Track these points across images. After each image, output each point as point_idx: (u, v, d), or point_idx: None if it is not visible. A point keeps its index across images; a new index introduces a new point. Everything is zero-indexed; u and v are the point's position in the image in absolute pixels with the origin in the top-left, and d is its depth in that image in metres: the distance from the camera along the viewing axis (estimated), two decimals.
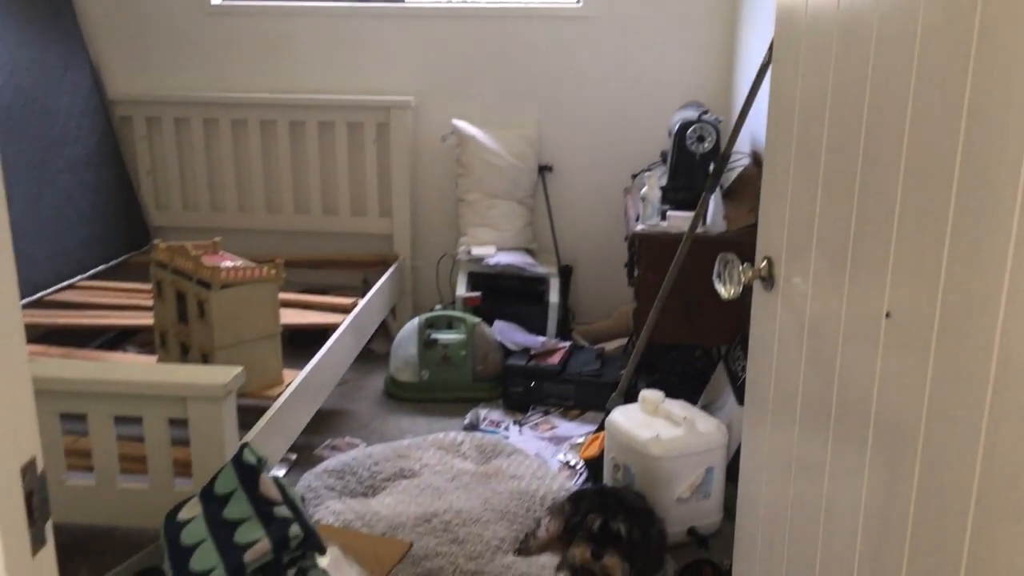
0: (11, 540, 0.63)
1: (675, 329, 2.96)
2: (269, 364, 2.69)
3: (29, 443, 0.66)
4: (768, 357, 1.34)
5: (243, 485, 1.63)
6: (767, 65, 2.52)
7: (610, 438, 2.56)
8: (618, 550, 2.09)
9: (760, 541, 1.41)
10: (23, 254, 3.28)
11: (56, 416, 2.09)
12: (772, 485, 1.36)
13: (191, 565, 1.49)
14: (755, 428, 1.46)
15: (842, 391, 1.09)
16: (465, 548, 2.34)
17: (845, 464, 1.09)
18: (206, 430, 2.04)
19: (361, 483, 2.69)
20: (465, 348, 3.40)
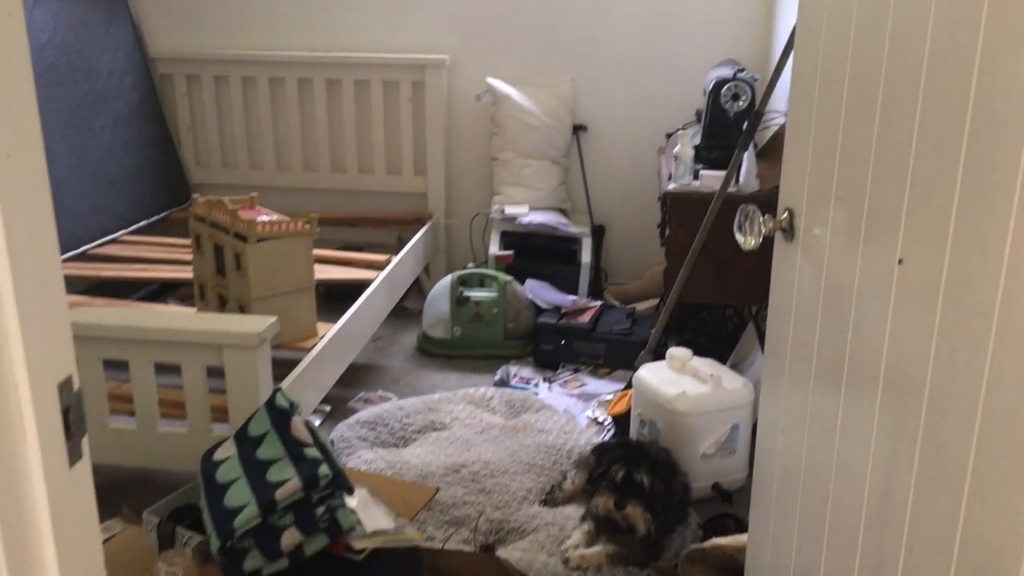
0: (49, 452, 0.68)
1: (706, 288, 2.96)
2: (303, 316, 2.75)
3: (65, 362, 0.70)
4: (787, 309, 1.36)
5: (275, 428, 1.69)
6: None
7: (637, 394, 2.58)
8: (640, 501, 2.12)
9: (775, 492, 1.43)
10: (67, 208, 3.38)
11: (99, 362, 2.17)
12: (788, 438, 1.38)
13: (225, 501, 1.55)
14: (773, 381, 1.47)
15: (856, 343, 1.10)
16: (492, 498, 2.39)
17: (855, 417, 1.11)
18: (241, 377, 2.11)
19: (392, 434, 2.76)
20: (497, 306, 3.44)
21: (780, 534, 1.40)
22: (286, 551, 1.51)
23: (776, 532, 1.43)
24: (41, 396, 0.66)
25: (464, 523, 2.28)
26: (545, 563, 2.11)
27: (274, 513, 1.50)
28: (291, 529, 1.51)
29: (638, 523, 2.12)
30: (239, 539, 1.49)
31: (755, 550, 1.56)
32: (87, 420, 0.73)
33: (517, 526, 2.28)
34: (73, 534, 0.70)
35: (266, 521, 1.50)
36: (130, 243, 3.62)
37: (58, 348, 0.69)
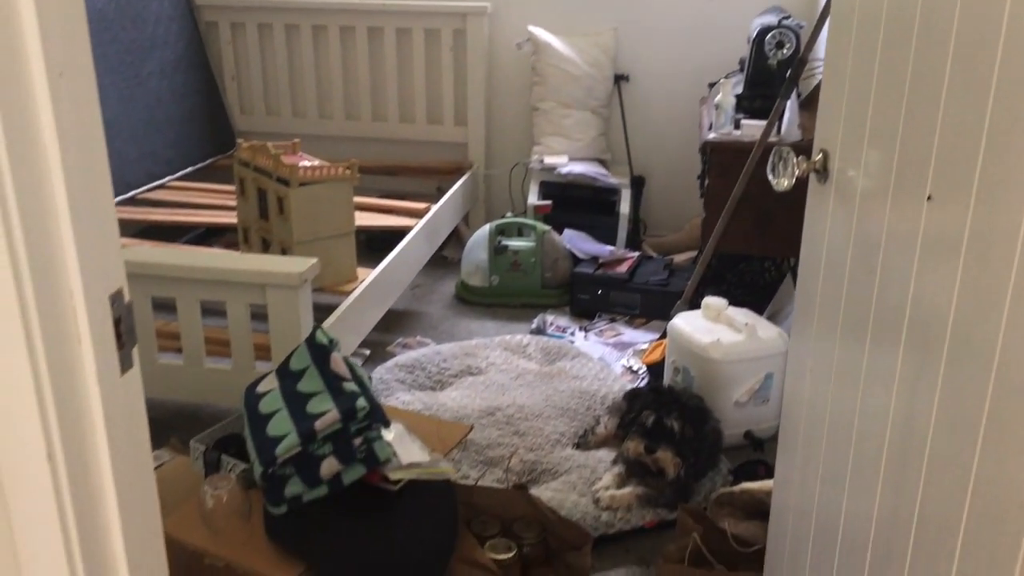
0: (102, 359, 0.73)
1: (744, 239, 2.95)
2: (344, 261, 2.80)
3: (116, 276, 0.74)
4: (818, 254, 1.36)
5: (315, 363, 1.74)
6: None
7: (671, 342, 2.60)
8: (670, 446, 2.15)
9: (801, 438, 1.45)
10: (116, 153, 3.46)
11: (148, 299, 2.25)
12: (815, 384, 1.39)
13: (267, 431, 1.62)
14: (802, 327, 1.48)
15: (883, 288, 1.11)
16: (526, 440, 2.44)
17: (879, 365, 1.12)
18: (283, 316, 2.17)
19: (429, 378, 2.82)
20: (535, 255, 3.46)
21: (804, 478, 1.43)
22: (325, 479, 1.57)
23: (801, 476, 1.45)
24: (94, 304, 0.70)
25: (498, 463, 2.34)
26: (576, 503, 2.16)
27: (313, 442, 1.56)
28: (330, 458, 1.57)
29: (668, 467, 2.15)
30: (280, 466, 1.55)
31: (780, 493, 1.59)
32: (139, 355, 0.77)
33: (550, 467, 2.33)
34: (124, 435, 0.75)
35: (306, 450, 1.56)
36: (176, 188, 3.70)
37: (109, 261, 0.73)
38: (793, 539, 1.47)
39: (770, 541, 1.62)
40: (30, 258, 0.66)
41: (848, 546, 1.22)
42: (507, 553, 1.87)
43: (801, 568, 1.41)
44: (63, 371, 0.69)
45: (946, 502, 0.91)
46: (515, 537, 1.93)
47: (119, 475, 0.74)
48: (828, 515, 1.30)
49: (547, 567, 1.93)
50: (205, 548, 1.54)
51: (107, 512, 0.73)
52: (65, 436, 0.69)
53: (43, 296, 0.67)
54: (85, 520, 0.71)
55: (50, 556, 0.70)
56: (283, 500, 1.57)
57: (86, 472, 0.72)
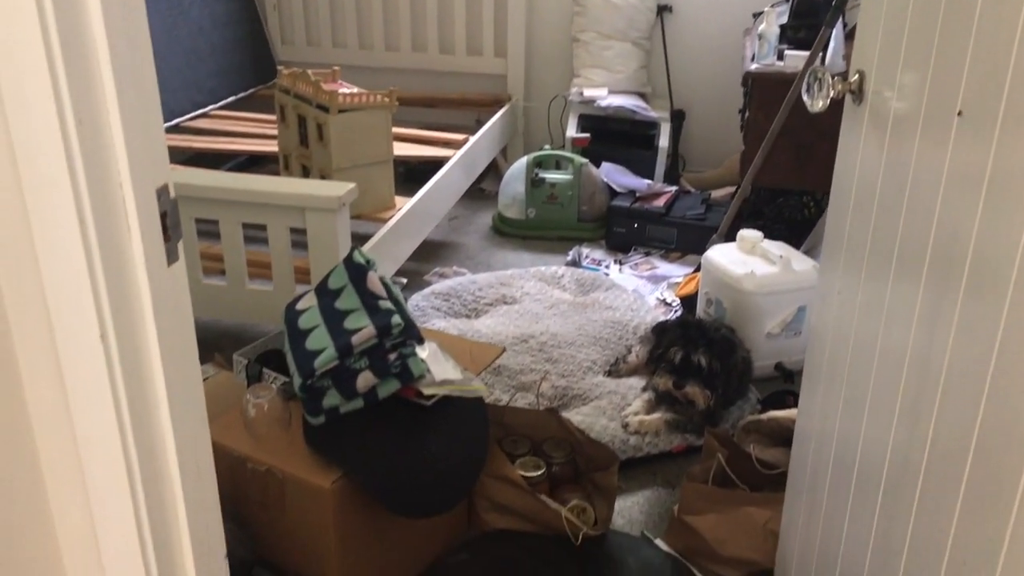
0: (150, 249, 0.77)
1: (783, 173, 2.93)
2: (382, 188, 2.84)
3: (162, 171, 0.78)
4: (849, 183, 1.36)
5: (352, 282, 1.79)
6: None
7: (705, 273, 2.62)
8: (699, 380, 2.18)
9: (824, 367, 1.47)
10: (160, 82, 3.49)
11: (192, 221, 2.31)
12: (839, 318, 1.40)
13: (306, 345, 1.67)
14: (830, 259, 1.48)
15: (909, 216, 1.12)
16: (558, 367, 2.49)
17: (901, 297, 1.13)
18: (322, 239, 2.22)
19: (465, 305, 2.87)
20: (572, 188, 3.47)
21: (826, 406, 1.45)
22: (361, 392, 1.63)
23: (823, 404, 1.48)
24: (142, 196, 0.75)
25: (529, 388, 2.39)
26: (605, 426, 2.21)
27: (350, 357, 1.61)
28: (366, 372, 1.62)
29: (697, 400, 2.18)
30: (318, 379, 1.61)
31: (803, 421, 1.61)
32: None
33: (580, 393, 2.38)
34: (171, 323, 0.80)
35: (343, 363, 1.61)
36: (219, 117, 3.75)
37: (155, 157, 0.77)
38: (813, 464, 1.50)
39: (792, 465, 1.65)
40: (83, 149, 0.70)
41: (864, 471, 1.25)
42: (536, 471, 1.93)
43: (820, 492, 1.45)
44: (114, 258, 0.74)
45: (956, 434, 0.94)
46: (544, 456, 1.99)
47: (167, 360, 0.79)
48: (847, 442, 1.33)
49: (575, 485, 1.99)
50: (248, 454, 1.61)
51: (156, 391, 0.78)
52: (117, 319, 0.74)
53: (95, 185, 0.71)
54: (135, 398, 0.77)
55: (103, 429, 0.76)
56: (321, 411, 1.63)
57: (136, 354, 0.77)
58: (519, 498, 1.87)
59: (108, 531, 0.81)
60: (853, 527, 1.29)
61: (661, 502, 2.05)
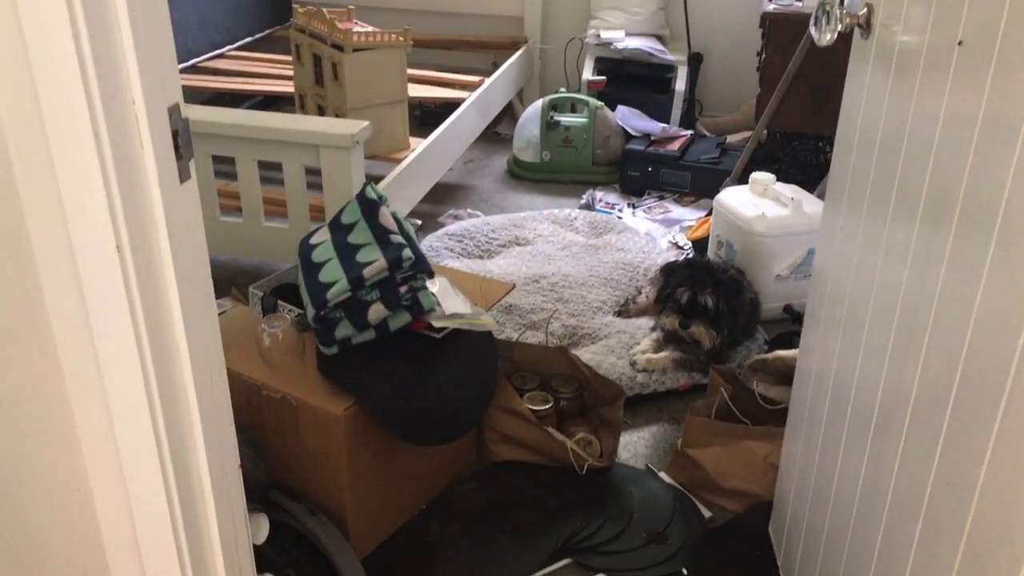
0: (163, 165, 0.80)
1: (799, 116, 2.92)
2: (396, 128, 2.86)
3: (173, 90, 0.81)
4: (855, 122, 1.37)
5: (365, 217, 1.82)
6: None
7: (716, 215, 2.63)
8: (704, 320, 2.21)
9: (825, 308, 1.49)
10: (177, 21, 3.50)
11: (208, 157, 2.34)
12: (841, 259, 1.42)
13: (320, 277, 1.71)
14: (834, 200, 1.49)
15: (908, 159, 1.13)
16: (569, 306, 2.52)
17: (897, 241, 1.15)
18: (336, 177, 2.25)
19: (478, 246, 2.90)
20: (587, 131, 3.46)
21: (826, 343, 1.48)
22: (372, 323, 1.67)
23: (823, 341, 1.50)
24: (154, 113, 0.78)
25: (539, 327, 2.43)
26: (613, 364, 2.25)
27: (362, 289, 1.65)
28: (377, 304, 1.66)
29: (703, 340, 2.21)
30: (331, 309, 1.65)
31: (804, 358, 1.64)
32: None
33: (590, 332, 2.42)
34: (184, 238, 0.83)
35: (355, 296, 1.65)
36: (236, 58, 3.76)
37: (166, 76, 0.80)
38: (812, 400, 1.54)
39: (792, 401, 1.68)
40: (97, 68, 0.72)
41: (859, 405, 1.28)
42: (544, 405, 1.98)
43: (817, 426, 1.48)
44: (128, 172, 0.77)
45: (943, 366, 0.97)
46: (553, 392, 2.04)
47: (180, 272, 0.83)
48: (843, 377, 1.36)
49: (582, 419, 2.04)
50: (263, 382, 1.66)
51: (170, 302, 0.82)
52: (131, 231, 0.77)
53: (109, 102, 0.74)
54: (151, 308, 0.81)
55: (120, 336, 0.80)
56: (334, 341, 1.68)
57: (150, 265, 0.80)
58: (527, 430, 1.92)
59: (127, 437, 0.86)
60: (847, 459, 1.33)
61: (666, 437, 2.10)
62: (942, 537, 0.95)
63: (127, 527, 0.90)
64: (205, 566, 0.95)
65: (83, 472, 0.88)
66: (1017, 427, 0.80)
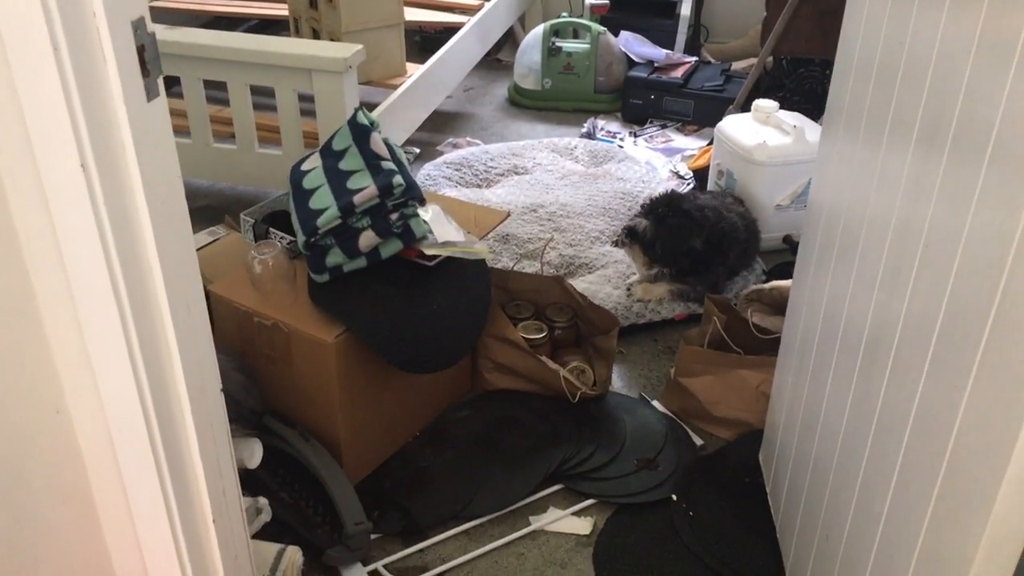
0: (128, 81, 0.78)
1: (806, 42, 2.84)
2: (392, 53, 2.79)
3: (138, 3, 0.78)
4: (854, 43, 1.33)
5: (356, 143, 1.79)
6: None
7: (718, 143, 2.58)
8: (638, 243, 2.23)
9: (818, 240, 1.47)
10: None
11: (199, 82, 2.30)
12: (835, 188, 1.40)
13: (310, 204, 1.69)
14: (831, 128, 1.46)
15: (903, 87, 1.10)
16: (566, 236, 2.50)
17: (890, 170, 1.12)
18: (329, 102, 2.21)
19: (476, 175, 2.86)
20: (589, 58, 3.39)
21: (819, 272, 1.46)
22: (364, 251, 1.66)
23: (816, 270, 1.49)
24: (116, 26, 0.75)
25: (535, 256, 2.41)
26: (609, 294, 2.24)
27: (353, 216, 1.63)
28: (368, 231, 1.64)
29: (636, 260, 2.25)
30: (322, 236, 1.64)
31: (798, 287, 1.63)
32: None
33: (586, 262, 2.40)
34: (153, 157, 0.81)
35: (345, 223, 1.63)
36: None
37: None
38: (804, 329, 1.53)
39: (785, 330, 1.68)
40: None
41: (848, 334, 1.27)
42: (538, 334, 1.97)
43: (808, 356, 1.48)
44: (91, 89, 0.75)
45: (931, 294, 0.95)
46: (547, 321, 2.03)
47: (150, 194, 0.81)
48: (834, 307, 1.35)
49: (576, 349, 2.03)
50: (254, 308, 1.66)
51: (140, 223, 0.81)
52: (97, 149, 0.75)
53: (68, 13, 0.71)
54: (120, 228, 0.79)
55: (90, 257, 0.78)
56: (325, 269, 1.67)
57: (118, 184, 0.79)
58: (521, 359, 1.92)
59: (101, 358, 0.85)
60: (835, 387, 1.32)
61: (660, 367, 2.10)
62: (923, 464, 0.95)
63: (107, 449, 0.90)
64: (187, 487, 0.95)
65: (60, 394, 0.88)
66: (1000, 354, 0.79)
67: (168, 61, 2.27)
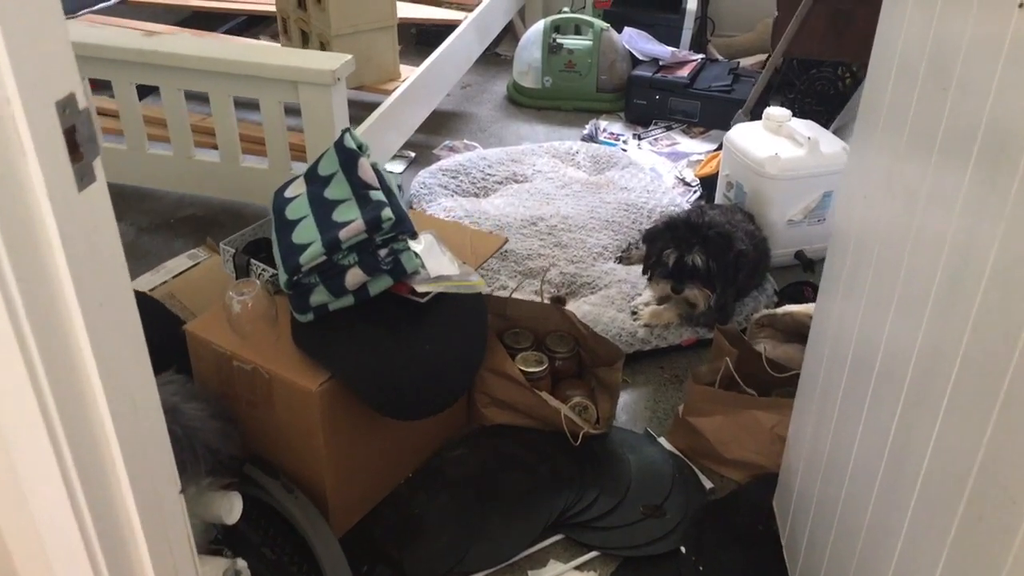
0: (54, 174, 0.66)
1: (818, 42, 2.71)
2: (385, 56, 2.66)
3: (64, 79, 0.66)
4: (893, 48, 1.20)
5: (343, 168, 1.67)
6: None
7: (727, 153, 2.46)
8: (697, 281, 2.06)
9: (848, 262, 1.35)
10: None
11: (180, 92, 2.17)
12: (868, 205, 1.27)
13: (293, 237, 1.58)
14: (863, 140, 1.34)
15: (956, 101, 0.97)
16: (567, 252, 2.38)
17: (942, 186, 1.00)
18: (317, 115, 2.08)
19: (474, 183, 2.74)
20: (591, 55, 3.25)
21: (847, 305, 1.34)
22: (350, 289, 1.54)
23: (843, 303, 1.37)
24: (36, 112, 0.63)
25: (536, 274, 2.30)
26: (613, 318, 2.13)
27: (338, 252, 1.52)
28: (355, 268, 1.53)
29: (699, 302, 2.08)
30: (305, 275, 1.53)
31: (821, 318, 1.51)
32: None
33: (589, 281, 2.29)
34: (86, 254, 0.69)
35: (331, 259, 1.52)
36: None
37: (53, 63, 0.65)
38: (829, 365, 1.41)
39: (805, 366, 1.56)
40: None
41: (886, 372, 1.14)
42: (538, 366, 1.86)
43: (834, 393, 1.36)
44: (8, 185, 0.63)
45: (1000, 327, 0.82)
46: (547, 351, 1.92)
47: (84, 299, 0.69)
48: (868, 340, 1.21)
49: (578, 381, 1.93)
50: (234, 351, 1.55)
51: (74, 331, 0.69)
52: (14, 254, 0.64)
53: None
54: (48, 343, 0.68)
55: (13, 381, 0.67)
56: (309, 308, 1.55)
57: (45, 293, 0.67)
58: (519, 394, 1.81)
59: (34, 480, 0.74)
60: (868, 431, 1.19)
61: (667, 398, 1.99)
62: (989, 518, 0.82)
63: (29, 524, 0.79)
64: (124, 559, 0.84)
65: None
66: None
67: (146, 71, 2.15)
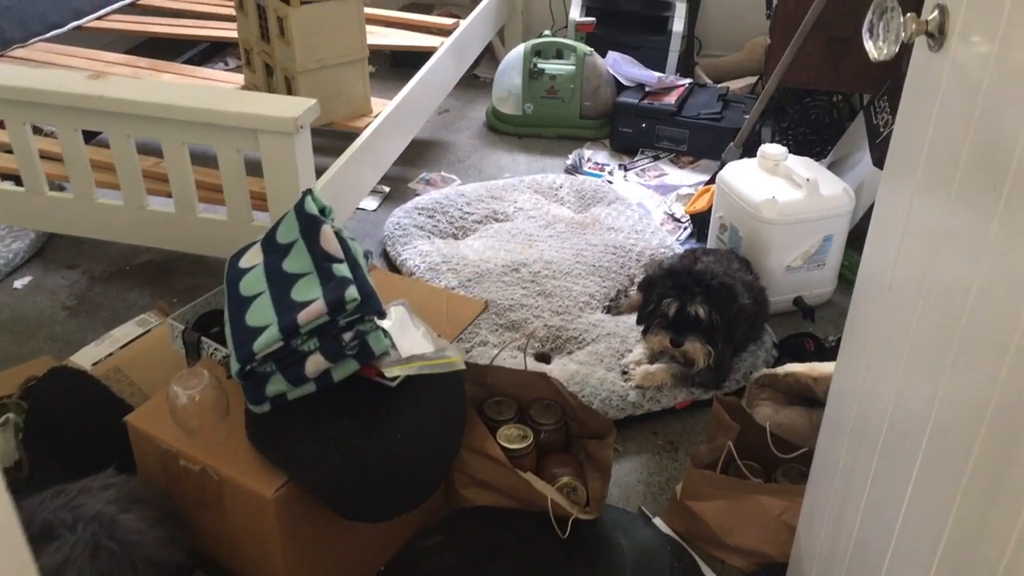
0: None
1: (813, 71, 2.57)
2: (355, 91, 2.50)
3: None
4: (918, 148, 1.05)
5: (304, 236, 1.51)
6: None
7: (720, 194, 2.31)
8: (698, 335, 1.91)
9: (880, 328, 1.17)
10: None
11: (130, 140, 2.00)
12: (906, 258, 1.10)
13: (247, 319, 1.41)
14: (894, 195, 1.17)
15: (1008, 204, 0.82)
16: (552, 302, 2.23)
17: (1015, 235, 0.82)
18: (279, 165, 1.92)
19: (451, 223, 2.58)
20: (574, 81, 3.10)
21: (880, 369, 1.17)
22: (311, 377, 1.38)
23: (873, 367, 1.19)
24: None
25: (520, 327, 2.14)
26: (602, 379, 1.97)
27: (297, 337, 1.36)
28: (316, 355, 1.37)
29: (698, 358, 1.93)
30: (260, 363, 1.36)
31: (840, 397, 1.34)
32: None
33: (576, 335, 2.13)
34: None
35: (288, 345, 1.36)
36: None
37: None
38: (854, 437, 1.24)
39: (821, 444, 1.40)
40: None
41: (938, 444, 0.95)
42: (522, 443, 1.71)
43: (862, 474, 1.18)
44: None
45: None
46: (532, 422, 1.77)
47: None
48: (908, 420, 1.03)
49: (566, 456, 1.77)
50: (180, 449, 1.38)
51: None
52: None
53: None
54: None
55: None
56: (265, 399, 1.39)
57: None
58: (502, 475, 1.65)
59: None
60: (912, 514, 1.02)
61: (662, 468, 1.84)
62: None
63: None
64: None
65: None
66: None
67: (91, 117, 1.97)
